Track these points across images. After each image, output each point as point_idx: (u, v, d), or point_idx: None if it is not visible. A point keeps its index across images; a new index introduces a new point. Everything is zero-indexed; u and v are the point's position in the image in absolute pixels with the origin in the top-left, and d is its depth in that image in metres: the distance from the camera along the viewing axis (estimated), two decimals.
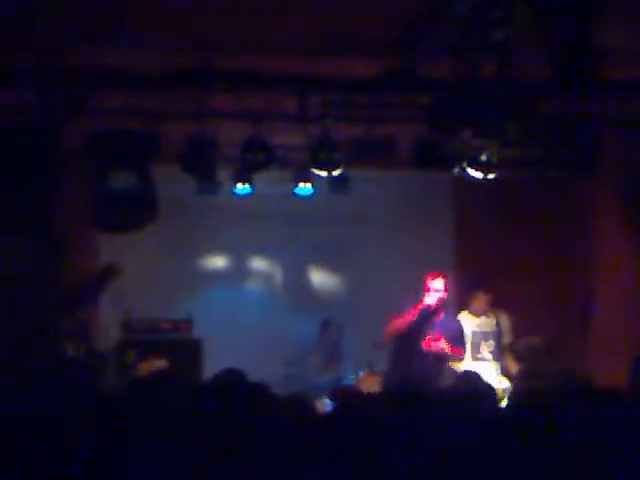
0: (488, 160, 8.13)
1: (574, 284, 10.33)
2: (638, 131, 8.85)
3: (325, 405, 8.22)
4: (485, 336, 9.19)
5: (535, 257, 10.63)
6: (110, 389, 6.95)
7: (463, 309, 9.36)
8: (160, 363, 8.80)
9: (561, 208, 10.48)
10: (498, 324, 9.23)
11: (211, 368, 8.77)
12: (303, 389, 8.93)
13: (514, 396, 6.17)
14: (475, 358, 9.06)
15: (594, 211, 9.88)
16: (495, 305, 9.34)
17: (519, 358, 8.85)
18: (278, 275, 11.19)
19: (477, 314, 9.25)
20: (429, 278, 8.73)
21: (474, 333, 9.17)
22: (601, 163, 8.84)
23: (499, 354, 9.13)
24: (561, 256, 10.56)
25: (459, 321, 9.04)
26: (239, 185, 9.70)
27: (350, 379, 9.16)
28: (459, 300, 10.51)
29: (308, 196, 9.86)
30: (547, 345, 9.11)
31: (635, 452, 4.03)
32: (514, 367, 8.62)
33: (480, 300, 9.25)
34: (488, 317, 9.24)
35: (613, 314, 9.55)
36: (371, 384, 8.05)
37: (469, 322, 9.20)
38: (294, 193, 9.88)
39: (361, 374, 9.06)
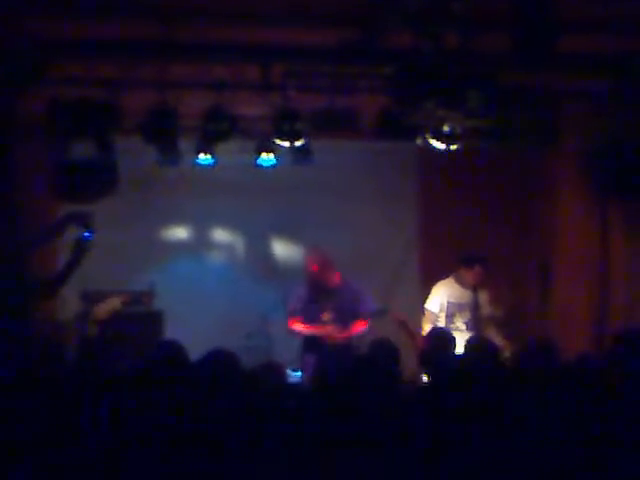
0: (450, 131, 8.14)
1: (533, 256, 10.42)
2: (597, 103, 8.91)
3: (290, 376, 8.25)
4: (460, 308, 9.29)
5: (496, 230, 10.68)
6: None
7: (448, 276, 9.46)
8: (115, 302, 8.75)
9: (522, 180, 10.55)
10: (476, 296, 9.30)
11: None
12: (266, 360, 8.93)
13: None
14: (449, 328, 9.13)
15: (553, 183, 9.94)
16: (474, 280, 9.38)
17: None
18: (240, 246, 11.16)
19: (461, 285, 9.35)
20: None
21: (449, 304, 9.30)
22: (561, 135, 8.90)
23: (474, 325, 9.21)
24: (523, 229, 10.63)
25: (354, 295, 9.37)
26: (201, 156, 9.61)
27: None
28: (423, 273, 10.60)
29: (271, 167, 9.82)
30: (505, 316, 9.26)
31: None
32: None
33: (462, 275, 9.35)
34: (466, 290, 9.32)
35: (572, 285, 9.64)
36: None
37: (447, 292, 9.34)
38: (256, 164, 9.84)
39: None
